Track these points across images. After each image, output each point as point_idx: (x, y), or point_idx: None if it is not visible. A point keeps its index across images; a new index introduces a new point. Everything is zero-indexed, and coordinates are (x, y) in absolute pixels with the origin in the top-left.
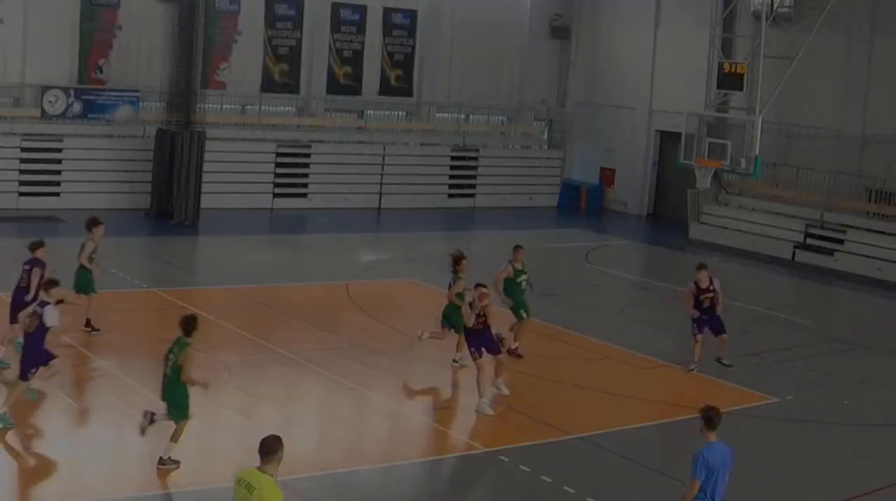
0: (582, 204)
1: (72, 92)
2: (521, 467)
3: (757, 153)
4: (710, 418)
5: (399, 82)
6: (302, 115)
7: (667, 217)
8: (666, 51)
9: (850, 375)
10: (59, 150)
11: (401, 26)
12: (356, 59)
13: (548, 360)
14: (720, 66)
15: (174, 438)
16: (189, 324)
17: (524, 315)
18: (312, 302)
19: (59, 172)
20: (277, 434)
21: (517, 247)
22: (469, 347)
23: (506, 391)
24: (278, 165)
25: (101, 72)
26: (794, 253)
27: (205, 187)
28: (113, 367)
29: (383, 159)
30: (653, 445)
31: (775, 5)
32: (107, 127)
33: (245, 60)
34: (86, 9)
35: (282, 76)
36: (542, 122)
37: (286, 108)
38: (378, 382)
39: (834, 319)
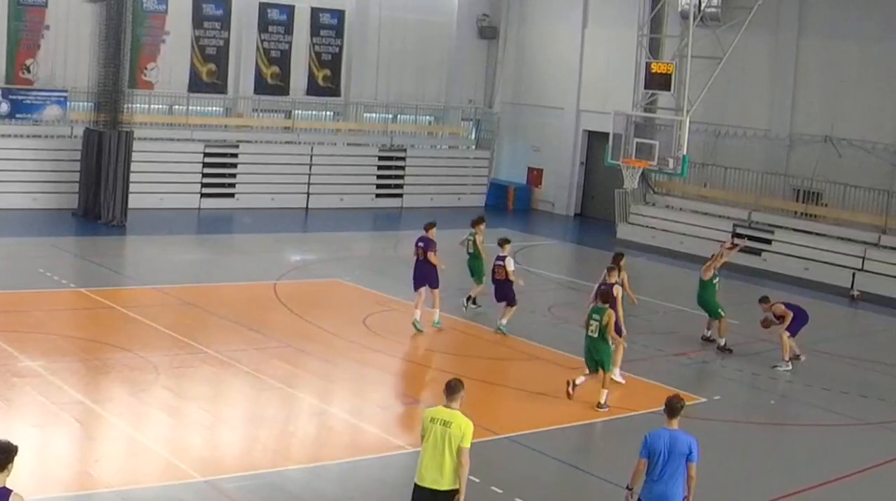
0: (509, 204)
1: None
2: None
3: (684, 153)
4: (669, 406)
5: (327, 82)
6: (229, 115)
7: (594, 217)
8: (593, 51)
9: (776, 375)
10: None
11: (328, 26)
12: (284, 60)
13: (475, 360)
14: (648, 66)
15: (605, 385)
16: (607, 296)
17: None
18: (240, 301)
19: None
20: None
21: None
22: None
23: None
24: (206, 165)
25: (29, 71)
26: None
27: (132, 187)
28: (40, 367)
29: (311, 159)
30: (580, 445)
31: (703, 5)
32: (34, 127)
33: (173, 60)
34: (13, 8)
35: (209, 76)
36: (469, 122)
37: (214, 108)
38: (305, 382)
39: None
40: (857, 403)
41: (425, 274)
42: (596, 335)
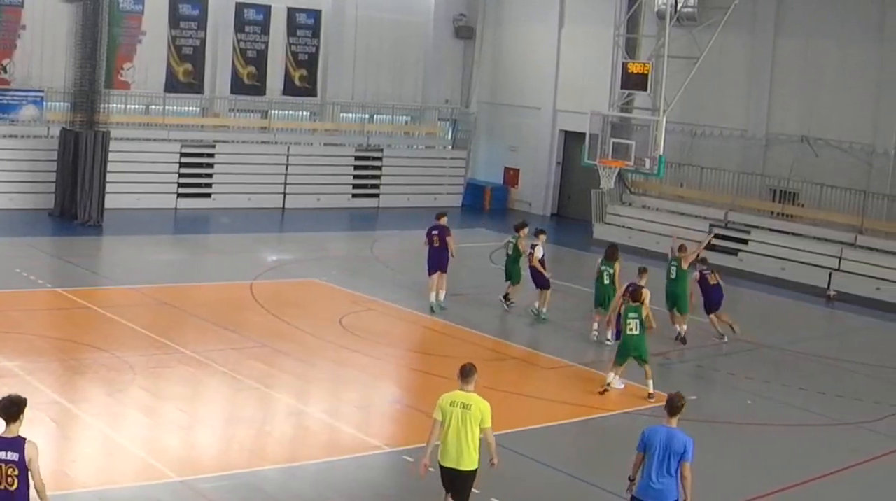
0: (486, 204)
1: None
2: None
3: (661, 153)
4: (669, 404)
5: (303, 82)
6: (206, 115)
7: (571, 217)
8: (570, 51)
9: (753, 375)
10: None
11: (305, 26)
12: (260, 59)
13: (452, 360)
14: (624, 66)
15: (649, 375)
16: (637, 295)
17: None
18: (217, 302)
19: None
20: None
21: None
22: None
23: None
24: (182, 165)
25: (6, 71)
26: (698, 254)
27: (109, 187)
28: (16, 367)
29: (287, 159)
30: (556, 445)
31: (679, 5)
32: (10, 127)
33: (149, 60)
34: None
35: (186, 76)
36: (446, 122)
37: (190, 108)
38: (282, 382)
39: (738, 319)
40: (834, 403)
41: (440, 260)
42: (637, 332)
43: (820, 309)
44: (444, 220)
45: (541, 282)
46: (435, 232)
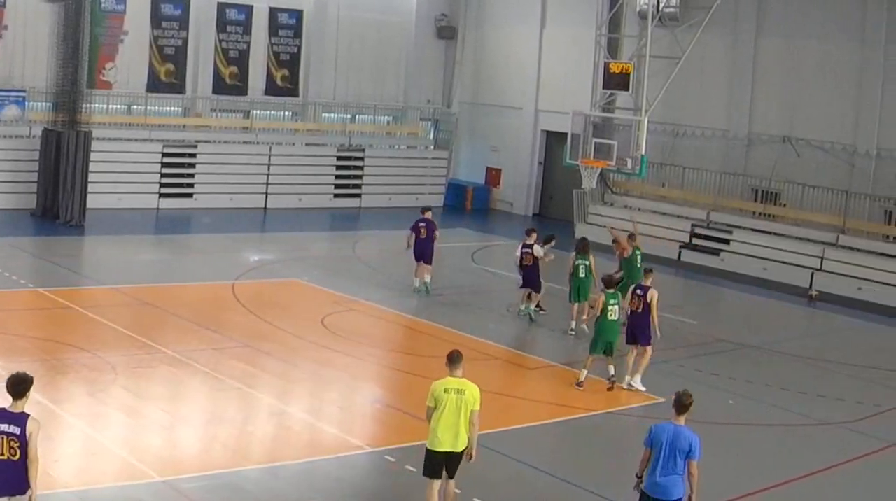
0: (468, 204)
1: None
2: (408, 467)
3: (643, 153)
4: (677, 401)
5: (285, 82)
6: (188, 115)
7: (553, 217)
8: (552, 51)
9: (735, 375)
10: None
11: (287, 26)
12: (242, 59)
13: (434, 360)
14: (606, 66)
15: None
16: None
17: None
18: (198, 301)
19: None
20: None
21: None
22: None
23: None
24: (164, 165)
25: None
26: (679, 253)
27: (91, 187)
28: None
29: (269, 159)
30: (538, 445)
31: (661, 5)
32: None
33: (131, 60)
34: None
35: (168, 76)
36: (427, 122)
37: (172, 108)
38: (264, 382)
39: (720, 319)
40: (816, 403)
41: (425, 250)
42: (616, 317)
43: (802, 308)
44: (429, 215)
45: (534, 284)
46: (422, 224)
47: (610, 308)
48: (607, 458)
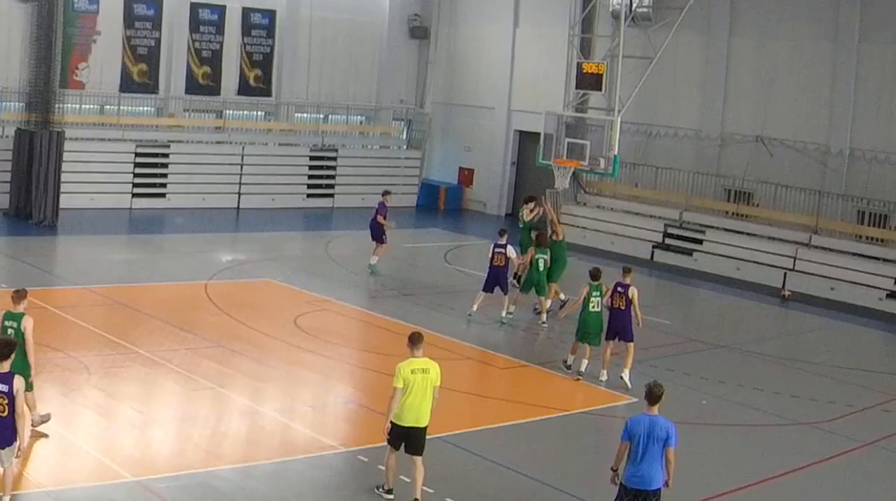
0: (441, 204)
1: None
2: (380, 467)
3: (616, 153)
4: (649, 393)
5: (258, 82)
6: (161, 115)
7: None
8: (525, 51)
9: (708, 375)
10: None
11: (260, 26)
12: (215, 59)
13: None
14: (579, 66)
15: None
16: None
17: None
18: (171, 301)
19: None
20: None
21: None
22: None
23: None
24: (137, 165)
25: None
26: (652, 253)
27: (64, 187)
28: None
29: (242, 159)
30: (510, 444)
31: (634, 5)
32: None
33: (104, 60)
34: None
35: (141, 76)
36: (400, 122)
37: (145, 108)
38: (237, 382)
39: (693, 319)
40: (789, 403)
41: (375, 230)
42: (598, 309)
43: (775, 309)
44: (387, 198)
45: (503, 285)
46: (377, 207)
47: (592, 300)
48: (581, 457)
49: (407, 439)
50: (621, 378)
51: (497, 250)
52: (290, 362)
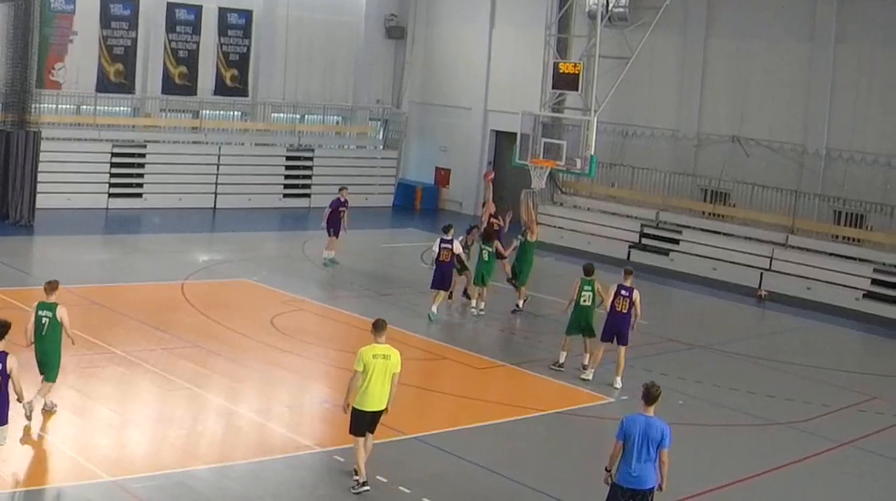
0: (417, 204)
1: None
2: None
3: (592, 153)
4: (646, 393)
5: (234, 82)
6: (137, 115)
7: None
8: (501, 51)
9: (685, 375)
10: None
11: (236, 26)
12: (191, 59)
13: None
14: (555, 66)
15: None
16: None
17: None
18: (148, 302)
19: None
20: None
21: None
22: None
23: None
24: (114, 165)
25: None
26: (629, 253)
27: (40, 187)
28: None
29: (219, 159)
30: (488, 445)
31: (610, 5)
32: None
33: (80, 60)
34: None
35: (117, 76)
36: (377, 122)
37: (121, 108)
38: (213, 382)
39: (669, 319)
40: (765, 403)
41: (334, 224)
42: (590, 303)
43: (751, 308)
44: (343, 193)
45: (444, 282)
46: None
47: (584, 294)
48: (559, 458)
49: (369, 423)
50: (613, 386)
51: (443, 246)
52: (267, 362)
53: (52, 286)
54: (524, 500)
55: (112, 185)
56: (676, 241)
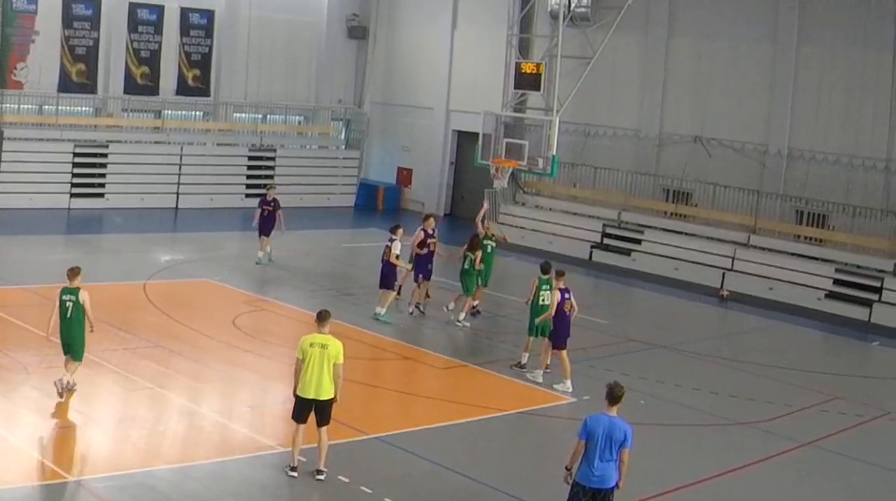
0: (379, 204)
1: None
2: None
3: (554, 153)
4: (610, 393)
5: (196, 82)
6: (99, 115)
7: (464, 217)
8: (463, 51)
9: (646, 375)
10: None
11: (198, 26)
12: (153, 59)
13: (346, 360)
14: (518, 66)
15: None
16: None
17: None
18: (110, 302)
19: None
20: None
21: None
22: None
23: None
24: (76, 165)
25: None
26: (591, 253)
27: (2, 187)
28: None
29: (181, 159)
30: (449, 444)
31: (572, 5)
32: None
33: (43, 60)
34: None
35: (79, 76)
36: (339, 122)
37: (84, 108)
38: (175, 382)
39: (631, 319)
40: (727, 403)
41: (269, 226)
42: (548, 302)
43: (713, 308)
44: (269, 193)
45: (388, 282)
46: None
47: (542, 293)
48: (521, 458)
49: (313, 411)
50: (555, 387)
51: (386, 245)
52: (229, 362)
53: (73, 272)
54: (486, 500)
55: (74, 185)
56: (638, 241)
